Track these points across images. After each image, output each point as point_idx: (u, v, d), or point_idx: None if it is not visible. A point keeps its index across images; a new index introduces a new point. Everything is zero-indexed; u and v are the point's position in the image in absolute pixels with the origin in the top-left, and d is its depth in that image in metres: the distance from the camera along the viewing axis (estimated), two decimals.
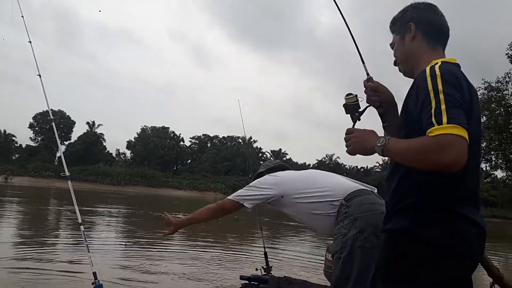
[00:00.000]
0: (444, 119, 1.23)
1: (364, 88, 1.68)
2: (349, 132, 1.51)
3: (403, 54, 1.58)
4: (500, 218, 48.31)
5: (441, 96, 1.27)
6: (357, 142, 1.47)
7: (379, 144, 1.37)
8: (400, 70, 1.63)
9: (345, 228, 2.13)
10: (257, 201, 2.49)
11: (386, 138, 1.38)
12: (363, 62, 1.73)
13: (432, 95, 1.28)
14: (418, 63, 1.51)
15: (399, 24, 1.59)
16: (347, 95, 1.68)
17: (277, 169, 2.80)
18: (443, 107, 1.25)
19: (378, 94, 1.66)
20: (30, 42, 3.42)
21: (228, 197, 2.57)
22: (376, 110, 1.70)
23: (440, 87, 1.28)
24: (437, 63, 1.38)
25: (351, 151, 1.49)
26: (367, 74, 1.70)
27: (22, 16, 3.47)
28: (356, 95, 1.68)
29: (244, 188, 2.61)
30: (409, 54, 1.55)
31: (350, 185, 2.36)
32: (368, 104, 1.68)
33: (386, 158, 1.47)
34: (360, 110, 1.66)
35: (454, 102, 1.26)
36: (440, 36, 1.54)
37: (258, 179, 2.60)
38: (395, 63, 1.63)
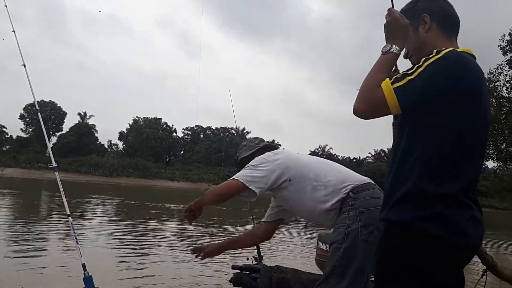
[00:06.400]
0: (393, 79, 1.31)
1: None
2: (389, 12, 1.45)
3: (417, 45, 1.52)
4: (490, 208, 49.04)
5: (419, 69, 1.30)
6: (389, 26, 1.44)
7: (384, 50, 1.40)
8: (412, 63, 1.55)
9: (350, 219, 2.08)
10: (265, 186, 2.17)
11: (391, 46, 1.40)
12: None
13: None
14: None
15: (410, 15, 1.49)
16: None
17: (267, 149, 2.48)
18: (409, 73, 1.30)
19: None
20: (14, 31, 3.32)
21: (233, 177, 2.21)
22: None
23: (424, 63, 1.30)
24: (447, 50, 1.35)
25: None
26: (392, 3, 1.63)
27: (6, 6, 3.38)
28: None
29: (247, 168, 2.24)
30: (424, 45, 1.49)
31: (359, 177, 2.27)
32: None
33: (378, 149, 1.47)
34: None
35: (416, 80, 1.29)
36: (452, 26, 1.51)
37: (261, 157, 2.27)
38: (406, 56, 1.57)
